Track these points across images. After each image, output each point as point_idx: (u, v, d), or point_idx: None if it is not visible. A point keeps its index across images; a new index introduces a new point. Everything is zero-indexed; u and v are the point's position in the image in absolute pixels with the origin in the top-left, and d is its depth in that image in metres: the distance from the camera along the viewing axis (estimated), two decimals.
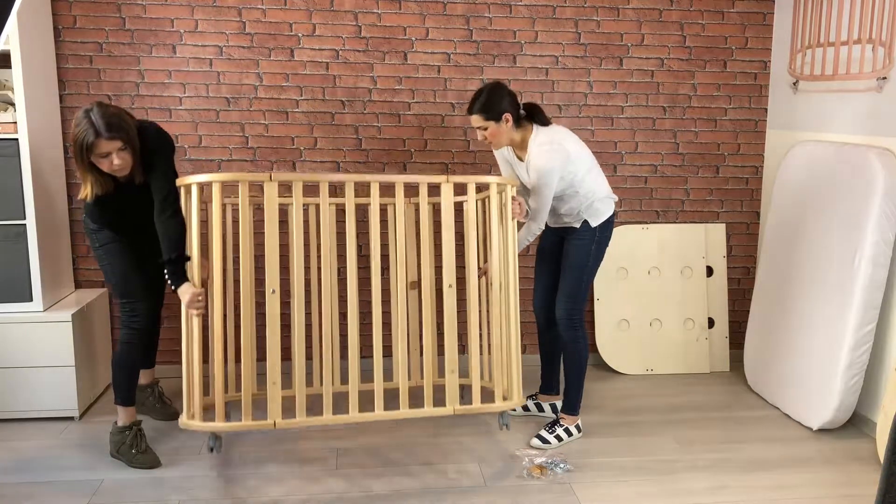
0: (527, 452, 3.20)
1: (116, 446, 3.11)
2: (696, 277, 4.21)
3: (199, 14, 3.79)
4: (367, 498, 2.86)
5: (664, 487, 2.96)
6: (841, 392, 3.32)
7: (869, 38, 3.39)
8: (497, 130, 3.08)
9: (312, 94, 3.92)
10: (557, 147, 3.06)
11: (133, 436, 3.09)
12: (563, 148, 3.07)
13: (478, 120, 3.09)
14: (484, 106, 3.06)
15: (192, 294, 2.79)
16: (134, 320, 3.07)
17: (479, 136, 3.14)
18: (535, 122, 3.15)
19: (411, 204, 3.62)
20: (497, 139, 3.12)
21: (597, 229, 3.21)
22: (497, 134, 3.10)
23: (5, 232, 3.40)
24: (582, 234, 3.22)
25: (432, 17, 3.92)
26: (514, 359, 3.03)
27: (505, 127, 3.08)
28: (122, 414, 3.11)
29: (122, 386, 3.09)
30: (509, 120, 3.08)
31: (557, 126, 3.19)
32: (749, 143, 4.23)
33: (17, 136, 3.34)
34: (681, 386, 4.03)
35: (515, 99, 3.12)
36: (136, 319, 3.07)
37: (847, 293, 3.30)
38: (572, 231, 3.25)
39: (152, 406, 3.51)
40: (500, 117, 3.06)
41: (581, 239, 3.22)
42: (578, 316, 3.28)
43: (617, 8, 4.01)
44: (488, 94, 3.07)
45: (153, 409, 3.51)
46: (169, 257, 2.84)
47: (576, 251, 3.23)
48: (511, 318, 3.02)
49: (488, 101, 3.05)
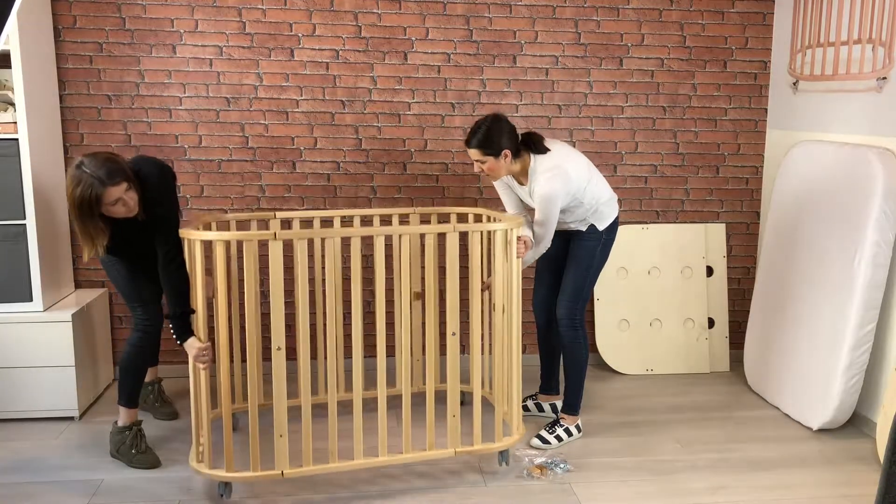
0: (527, 452, 3.20)
1: (116, 446, 3.11)
2: (696, 277, 4.21)
3: (199, 14, 3.79)
4: (366, 497, 2.87)
5: (664, 487, 2.96)
6: (841, 392, 3.32)
7: (869, 38, 3.39)
8: (496, 165, 3.08)
9: (312, 94, 3.92)
10: (557, 172, 3.06)
11: (133, 436, 3.09)
12: (563, 171, 3.07)
13: (476, 154, 3.07)
14: (483, 142, 3.04)
15: (197, 349, 2.79)
16: (147, 324, 3.08)
17: (476, 169, 3.13)
18: (533, 152, 3.14)
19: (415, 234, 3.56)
20: (495, 172, 3.12)
21: (603, 232, 3.24)
22: (495, 168, 3.10)
23: (5, 232, 3.40)
24: (589, 237, 3.24)
25: (432, 17, 3.92)
26: (514, 386, 3.06)
27: (504, 162, 3.08)
28: (123, 414, 3.12)
29: (129, 388, 3.10)
30: (508, 156, 3.07)
31: (553, 145, 3.17)
32: (749, 143, 4.23)
33: (17, 136, 3.34)
34: (681, 386, 4.03)
35: (515, 132, 3.10)
36: (149, 323, 3.08)
37: (847, 293, 3.30)
38: (578, 234, 3.26)
39: (152, 404, 3.52)
40: (499, 153, 3.05)
41: (588, 241, 3.24)
42: (579, 316, 3.28)
43: (617, 8, 4.01)
44: (487, 129, 3.04)
45: (153, 408, 3.52)
46: (174, 312, 2.82)
47: (582, 252, 3.24)
48: (513, 342, 3.04)
49: (487, 137, 3.04)
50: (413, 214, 3.54)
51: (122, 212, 2.78)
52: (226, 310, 2.71)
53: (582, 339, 3.30)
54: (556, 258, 3.36)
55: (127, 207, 2.77)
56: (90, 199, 2.69)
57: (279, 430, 2.72)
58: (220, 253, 2.65)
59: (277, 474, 2.75)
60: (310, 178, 3.97)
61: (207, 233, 2.68)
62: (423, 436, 3.27)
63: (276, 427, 2.72)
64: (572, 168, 3.10)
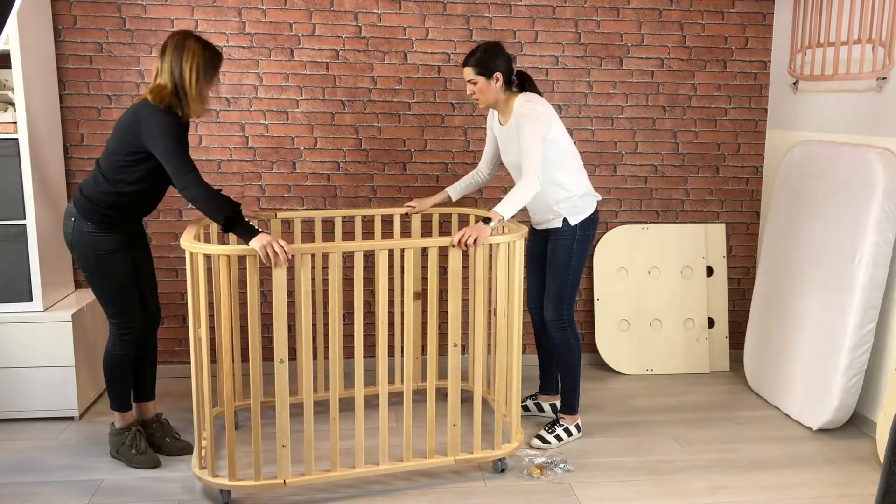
0: (527, 452, 3.20)
1: (116, 447, 3.11)
2: (696, 277, 4.21)
3: (199, 14, 3.79)
4: (366, 497, 2.87)
5: (664, 487, 2.96)
6: (841, 392, 3.32)
7: (869, 38, 3.39)
8: (486, 87, 3.10)
9: (312, 94, 3.92)
10: (541, 101, 3.10)
11: (132, 436, 3.08)
12: (547, 105, 3.10)
13: (469, 73, 3.11)
14: (478, 60, 3.09)
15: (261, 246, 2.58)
16: (125, 334, 3.00)
17: (468, 91, 3.15)
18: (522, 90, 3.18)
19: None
20: (484, 96, 3.13)
21: (577, 227, 3.21)
22: (485, 91, 3.11)
23: (5, 232, 3.40)
24: (563, 234, 3.22)
25: (432, 17, 3.92)
26: (514, 391, 3.07)
27: (494, 86, 3.10)
28: (118, 418, 3.11)
29: (116, 393, 3.07)
30: (499, 79, 3.10)
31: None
32: (749, 143, 4.23)
33: (17, 136, 3.34)
34: (681, 386, 4.03)
35: (510, 63, 3.14)
36: (127, 334, 3.00)
37: (847, 293, 3.30)
38: (554, 232, 3.25)
39: (161, 440, 3.20)
40: (490, 74, 3.08)
41: (563, 238, 3.22)
42: (567, 316, 3.28)
43: (617, 8, 4.01)
44: (484, 50, 3.10)
45: (164, 443, 3.20)
46: (220, 224, 2.70)
47: (559, 251, 3.23)
48: (514, 347, 3.05)
49: (483, 57, 3.09)
50: (415, 215, 3.55)
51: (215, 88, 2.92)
52: (228, 313, 2.70)
53: (573, 338, 3.30)
54: (539, 259, 3.37)
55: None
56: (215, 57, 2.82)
57: (282, 440, 2.72)
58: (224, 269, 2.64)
59: (280, 483, 2.76)
60: (310, 178, 3.97)
61: (216, 246, 2.70)
62: (423, 438, 3.29)
63: (279, 437, 2.72)
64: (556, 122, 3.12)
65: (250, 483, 2.75)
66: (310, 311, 2.72)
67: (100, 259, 2.90)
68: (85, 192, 2.89)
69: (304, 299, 2.69)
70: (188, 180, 2.69)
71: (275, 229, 3.43)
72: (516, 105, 3.12)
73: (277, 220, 3.40)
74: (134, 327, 3.01)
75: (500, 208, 2.92)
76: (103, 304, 2.98)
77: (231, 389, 2.78)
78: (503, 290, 2.98)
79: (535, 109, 3.06)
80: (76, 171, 3.82)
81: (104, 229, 2.88)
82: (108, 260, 2.91)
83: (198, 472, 2.79)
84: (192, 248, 2.67)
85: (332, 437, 2.82)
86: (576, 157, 3.22)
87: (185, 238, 2.71)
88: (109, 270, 2.92)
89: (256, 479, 2.75)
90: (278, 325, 2.67)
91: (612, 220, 4.20)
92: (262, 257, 2.58)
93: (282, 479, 2.76)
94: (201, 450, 2.82)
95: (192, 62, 2.76)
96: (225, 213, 2.69)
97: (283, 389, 2.70)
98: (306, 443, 2.78)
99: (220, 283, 2.66)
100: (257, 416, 2.74)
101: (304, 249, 2.64)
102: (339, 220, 3.50)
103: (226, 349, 2.72)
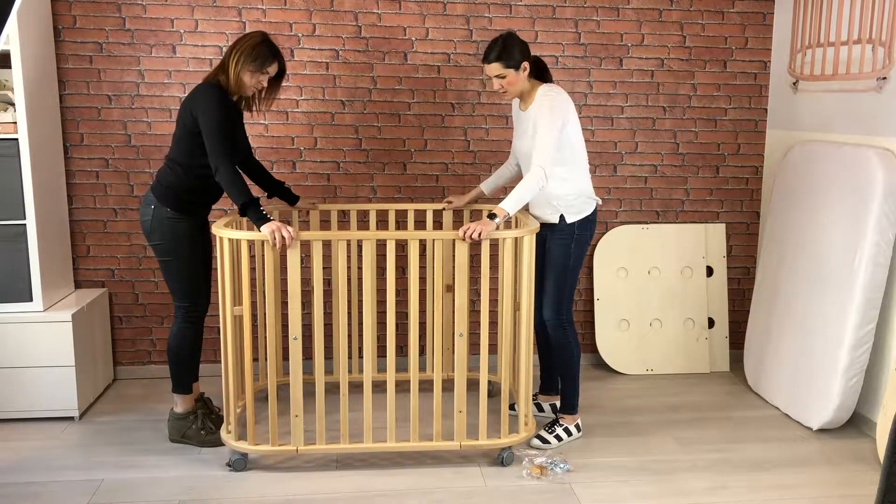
0: (527, 452, 3.20)
1: (181, 431, 3.23)
2: (696, 277, 4.21)
3: (199, 14, 3.79)
4: (366, 497, 2.87)
5: (664, 487, 2.96)
6: (841, 392, 3.32)
7: (869, 38, 3.39)
8: (515, 79, 3.09)
9: (312, 94, 3.92)
10: (563, 94, 3.12)
11: (200, 419, 3.24)
12: (566, 95, 3.13)
13: (497, 68, 3.07)
14: (503, 54, 3.06)
15: (270, 232, 2.83)
16: (193, 317, 3.19)
17: (496, 86, 3.12)
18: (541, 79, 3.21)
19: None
20: (513, 87, 3.12)
21: (575, 226, 3.20)
22: (514, 82, 3.10)
23: (5, 232, 3.40)
24: (560, 232, 3.21)
25: (432, 17, 3.92)
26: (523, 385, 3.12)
27: (522, 75, 3.10)
28: (179, 402, 3.24)
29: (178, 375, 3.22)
30: (527, 68, 3.10)
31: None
32: (749, 143, 4.23)
33: (17, 136, 3.35)
34: (681, 386, 4.03)
35: (529, 50, 3.14)
36: (195, 316, 3.19)
37: (847, 293, 3.30)
38: (551, 228, 3.24)
39: (197, 432, 3.25)
40: (519, 65, 3.07)
41: (560, 237, 3.21)
42: (566, 317, 3.28)
43: (617, 8, 4.01)
44: (505, 41, 3.07)
45: (198, 435, 3.24)
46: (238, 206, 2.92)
47: (557, 251, 3.22)
48: (522, 342, 3.10)
49: (507, 49, 3.06)
50: (428, 211, 3.71)
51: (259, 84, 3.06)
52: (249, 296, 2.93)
53: (571, 338, 3.30)
54: (538, 259, 3.35)
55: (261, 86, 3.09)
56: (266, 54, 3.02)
57: (295, 411, 2.98)
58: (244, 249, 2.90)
59: (293, 450, 3.01)
60: (310, 177, 3.97)
61: (239, 231, 2.93)
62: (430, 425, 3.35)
63: (293, 408, 2.97)
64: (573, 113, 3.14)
65: (266, 448, 3.02)
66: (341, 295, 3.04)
67: (179, 243, 3.08)
68: (162, 181, 3.07)
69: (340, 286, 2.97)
70: (221, 163, 2.92)
71: (314, 220, 3.67)
72: (539, 94, 3.12)
73: (317, 210, 3.64)
74: (201, 310, 3.21)
75: (505, 204, 2.98)
76: (176, 287, 3.16)
77: (274, 364, 2.99)
78: (525, 284, 3.07)
79: (556, 100, 3.07)
80: (76, 171, 3.83)
81: (183, 214, 3.07)
82: (185, 244, 3.10)
83: (225, 437, 3.05)
84: (221, 234, 2.93)
85: (343, 410, 3.03)
86: (584, 157, 3.22)
87: (216, 226, 2.95)
88: (186, 255, 3.11)
89: (273, 444, 3.00)
90: (293, 305, 2.89)
91: (612, 220, 4.20)
92: (270, 241, 2.85)
93: (295, 446, 3.01)
94: (228, 423, 3.05)
95: (240, 47, 3.01)
96: (242, 199, 2.90)
97: (296, 364, 2.95)
98: (318, 416, 3.00)
99: (265, 266, 3.10)
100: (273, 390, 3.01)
101: (340, 237, 2.93)
102: (373, 212, 3.68)
103: (270, 326, 2.95)
